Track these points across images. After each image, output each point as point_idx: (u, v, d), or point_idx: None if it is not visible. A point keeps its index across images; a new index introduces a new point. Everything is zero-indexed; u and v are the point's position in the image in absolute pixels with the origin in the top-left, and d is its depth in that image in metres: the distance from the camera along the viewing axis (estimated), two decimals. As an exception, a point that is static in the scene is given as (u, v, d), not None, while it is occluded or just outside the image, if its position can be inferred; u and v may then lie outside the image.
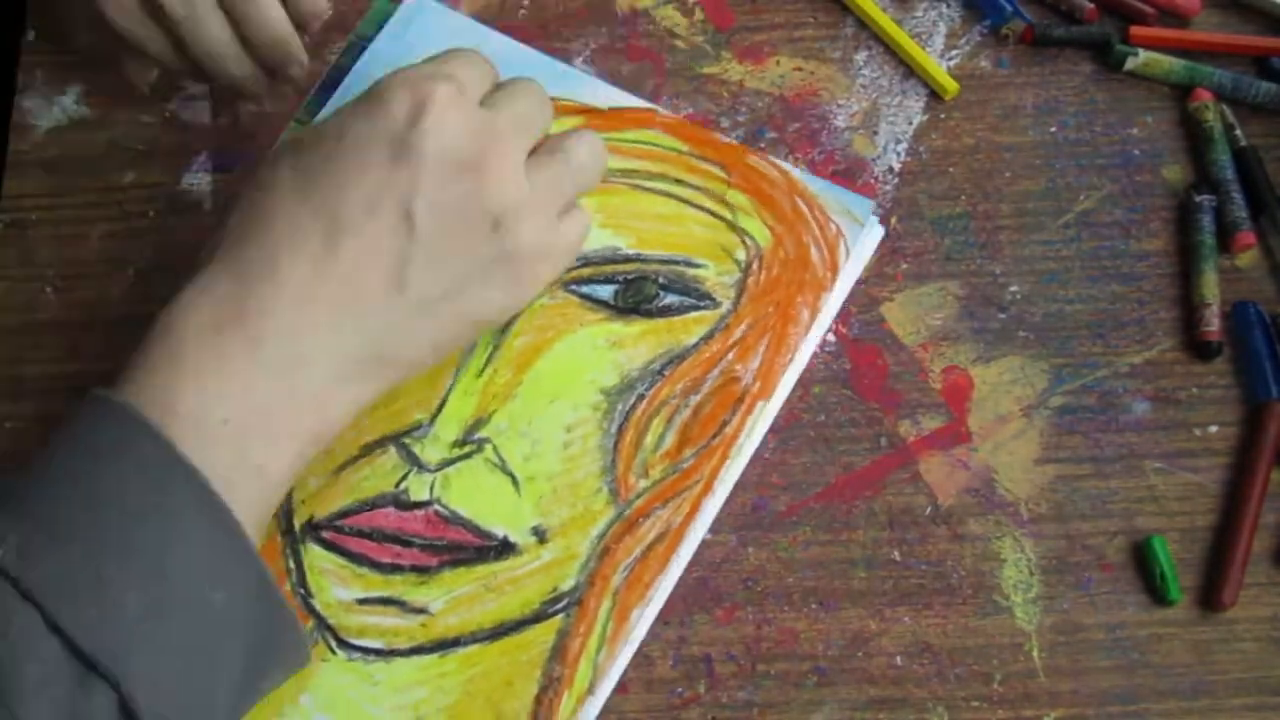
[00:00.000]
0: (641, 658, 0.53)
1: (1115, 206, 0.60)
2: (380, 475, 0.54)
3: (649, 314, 0.57)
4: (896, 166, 0.61)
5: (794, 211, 0.58)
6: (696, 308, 0.57)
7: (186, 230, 0.59)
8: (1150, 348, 0.58)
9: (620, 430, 0.55)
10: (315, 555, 0.53)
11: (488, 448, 0.55)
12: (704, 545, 0.54)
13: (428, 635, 0.52)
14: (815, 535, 0.55)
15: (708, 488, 0.54)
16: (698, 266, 0.58)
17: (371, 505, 0.54)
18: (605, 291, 0.57)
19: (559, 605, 0.52)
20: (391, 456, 0.54)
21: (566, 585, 0.52)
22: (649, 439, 0.55)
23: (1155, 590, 0.53)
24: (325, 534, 0.53)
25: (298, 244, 0.47)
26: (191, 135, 0.62)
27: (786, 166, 0.59)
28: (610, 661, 0.51)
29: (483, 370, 0.56)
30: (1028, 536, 0.55)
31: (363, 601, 0.52)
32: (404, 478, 0.54)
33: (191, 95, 0.62)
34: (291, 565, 0.53)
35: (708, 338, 0.56)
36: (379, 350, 0.48)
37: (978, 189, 0.60)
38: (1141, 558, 0.54)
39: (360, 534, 0.53)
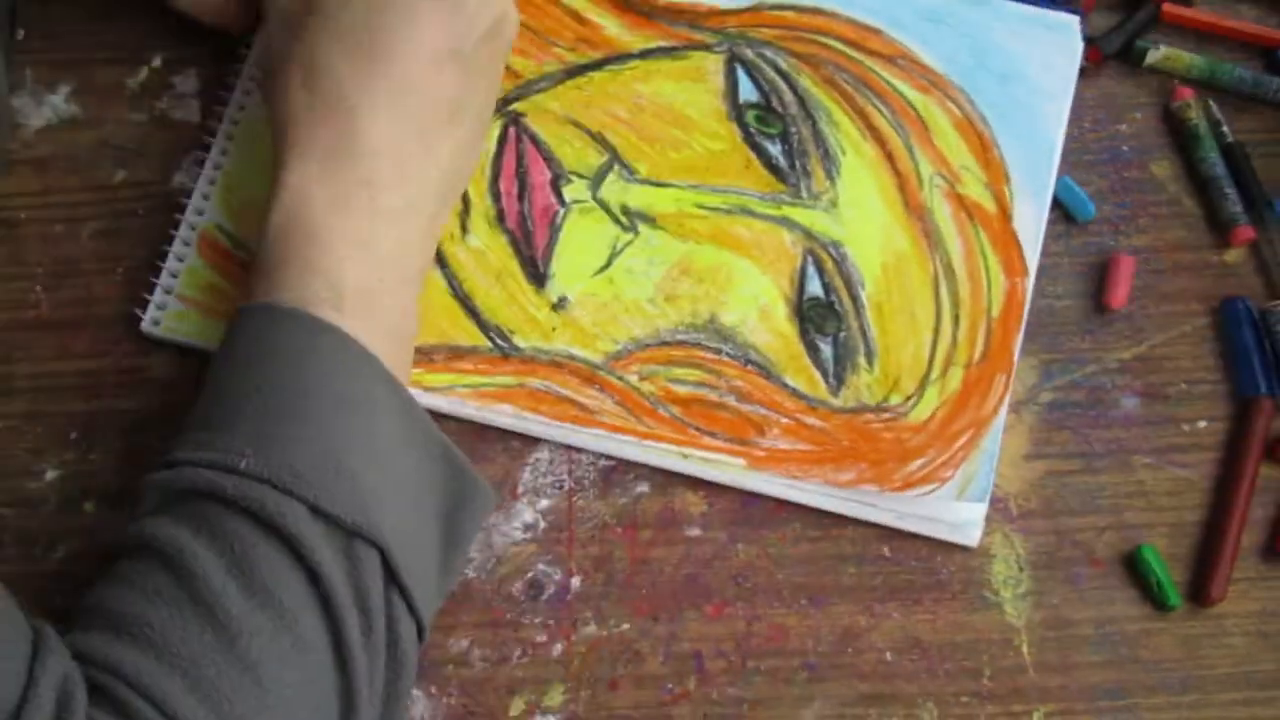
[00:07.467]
0: (631, 654, 0.53)
1: (1104, 202, 0.60)
2: None
3: (804, 334, 0.56)
4: (886, 163, 0.61)
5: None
6: (826, 377, 0.56)
7: (177, 229, 0.59)
8: (1139, 343, 0.58)
9: (675, 343, 0.56)
10: None
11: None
12: (694, 541, 0.54)
13: None
14: (805, 531, 0.55)
15: (644, 436, 0.55)
16: (872, 364, 0.56)
17: None
18: (815, 284, 0.57)
19: None
20: None
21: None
22: (680, 371, 0.56)
23: (1154, 599, 0.53)
24: None
25: (376, 109, 0.51)
26: (181, 134, 0.61)
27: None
28: None
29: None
30: (1017, 532, 0.55)
31: None
32: None
33: (182, 94, 0.62)
34: None
35: (794, 393, 0.56)
36: (454, 179, 0.54)
37: (967, 185, 0.61)
38: (1131, 555, 0.54)
39: None
